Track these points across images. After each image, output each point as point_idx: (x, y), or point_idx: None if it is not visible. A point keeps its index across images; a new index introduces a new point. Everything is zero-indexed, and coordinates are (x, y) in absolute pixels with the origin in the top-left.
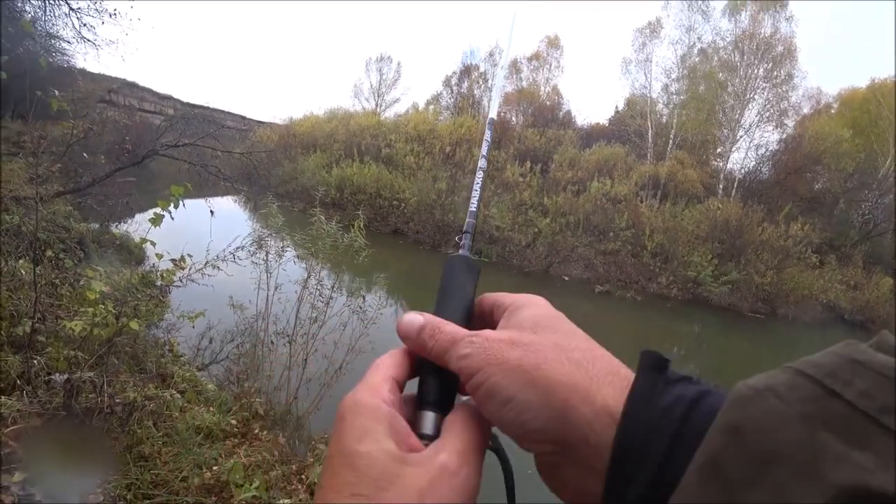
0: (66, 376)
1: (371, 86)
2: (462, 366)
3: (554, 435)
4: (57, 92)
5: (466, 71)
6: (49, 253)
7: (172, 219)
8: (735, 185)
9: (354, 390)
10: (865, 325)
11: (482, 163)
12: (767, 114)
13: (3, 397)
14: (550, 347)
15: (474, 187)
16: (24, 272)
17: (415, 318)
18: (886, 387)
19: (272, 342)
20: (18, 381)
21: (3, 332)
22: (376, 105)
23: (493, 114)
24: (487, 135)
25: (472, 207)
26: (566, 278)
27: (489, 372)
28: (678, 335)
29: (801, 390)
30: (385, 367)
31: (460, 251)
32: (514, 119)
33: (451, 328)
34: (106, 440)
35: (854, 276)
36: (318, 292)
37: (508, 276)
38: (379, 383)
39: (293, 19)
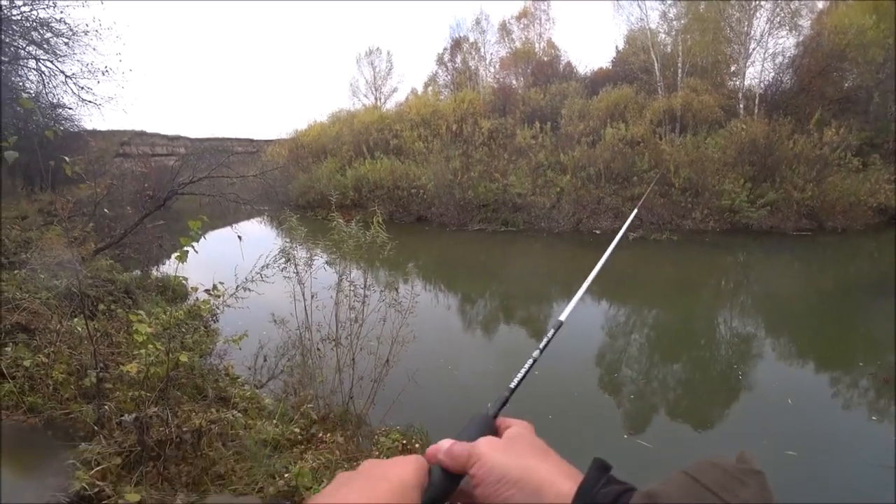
0: (134, 415)
1: (367, 81)
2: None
3: None
4: (67, 158)
5: (457, 44)
6: (101, 307)
7: (196, 252)
8: (757, 102)
9: None
10: None
11: (536, 353)
12: (778, 18)
13: (84, 444)
14: (531, 452)
15: (521, 371)
16: (79, 328)
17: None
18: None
19: (319, 349)
20: (95, 427)
21: (72, 387)
22: (375, 99)
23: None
24: (550, 334)
25: (512, 384)
26: (597, 232)
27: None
28: (722, 268)
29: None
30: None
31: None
32: (514, 82)
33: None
34: (183, 466)
35: None
36: (352, 293)
37: (538, 241)
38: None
39: (277, 31)
